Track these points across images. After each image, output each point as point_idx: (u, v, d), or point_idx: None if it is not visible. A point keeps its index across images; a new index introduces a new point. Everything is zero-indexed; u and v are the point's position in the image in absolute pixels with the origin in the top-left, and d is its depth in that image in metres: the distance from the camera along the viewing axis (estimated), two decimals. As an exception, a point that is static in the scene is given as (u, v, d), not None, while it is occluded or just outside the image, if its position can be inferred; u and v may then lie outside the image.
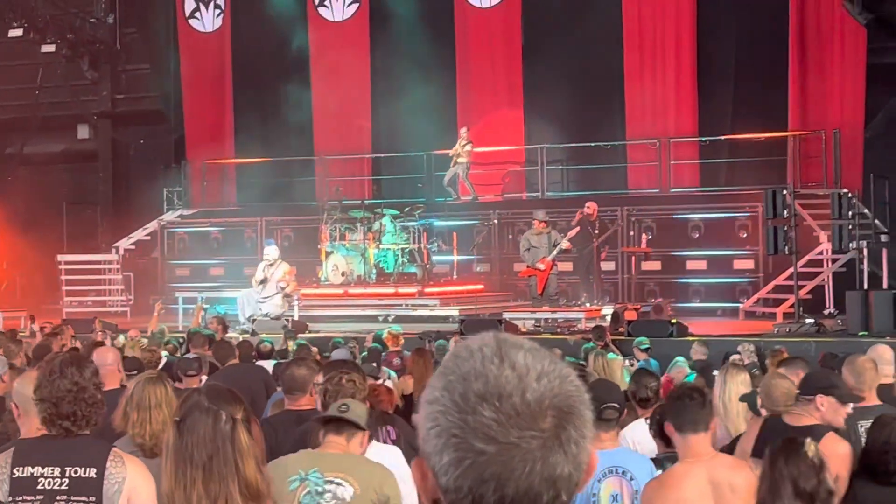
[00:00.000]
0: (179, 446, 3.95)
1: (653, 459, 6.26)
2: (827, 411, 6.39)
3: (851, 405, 6.52)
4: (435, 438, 1.72)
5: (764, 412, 6.80)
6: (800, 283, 19.84)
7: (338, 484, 4.99)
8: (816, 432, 6.18)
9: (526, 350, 1.75)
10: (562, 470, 1.70)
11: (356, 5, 28.01)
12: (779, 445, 4.84)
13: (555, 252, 20.96)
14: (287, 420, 6.89)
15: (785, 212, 19.22)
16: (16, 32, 29.33)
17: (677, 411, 5.58)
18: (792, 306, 19.79)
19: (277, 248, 22.18)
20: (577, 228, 21.38)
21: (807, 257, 21.19)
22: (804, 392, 6.52)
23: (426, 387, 1.76)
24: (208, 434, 3.93)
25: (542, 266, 21.02)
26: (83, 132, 32.65)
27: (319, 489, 4.99)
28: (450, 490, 1.71)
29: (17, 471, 4.74)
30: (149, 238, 28.76)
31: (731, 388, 7.51)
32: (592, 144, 25.28)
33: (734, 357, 12.10)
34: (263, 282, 21.29)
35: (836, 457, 6.00)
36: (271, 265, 21.39)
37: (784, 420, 6.37)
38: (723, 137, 24.35)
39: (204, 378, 9.46)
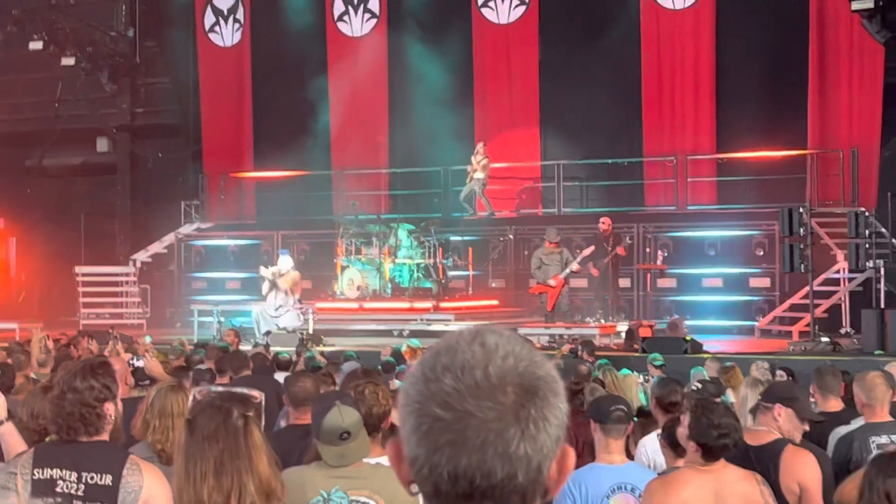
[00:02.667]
0: (190, 443, 3.94)
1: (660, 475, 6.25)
2: (784, 422, 6.35)
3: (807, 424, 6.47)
4: (402, 408, 1.76)
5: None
6: (816, 301, 19.79)
7: (364, 503, 4.82)
8: (777, 447, 6.16)
9: (503, 336, 1.78)
10: (517, 447, 1.70)
11: (374, 21, 28.10)
12: (875, 460, 4.78)
13: (566, 271, 20.95)
14: (293, 435, 6.80)
15: (801, 230, 19.17)
16: (36, 45, 29.47)
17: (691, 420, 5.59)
18: (808, 325, 19.71)
19: (291, 260, 22.20)
20: (592, 248, 21.41)
21: (823, 276, 21.13)
22: (764, 400, 6.51)
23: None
24: (220, 429, 3.92)
25: (553, 283, 21.02)
26: (102, 145, 32.76)
27: None
28: (411, 461, 1.74)
29: (38, 472, 4.75)
30: (166, 251, 28.85)
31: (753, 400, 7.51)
32: (609, 161, 25.25)
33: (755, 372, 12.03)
34: (272, 287, 21.35)
35: (803, 469, 6.00)
36: (282, 275, 21.45)
37: (744, 439, 6.25)
38: (740, 155, 24.32)
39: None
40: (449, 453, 1.69)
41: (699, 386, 8.69)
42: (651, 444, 7.22)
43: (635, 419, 7.59)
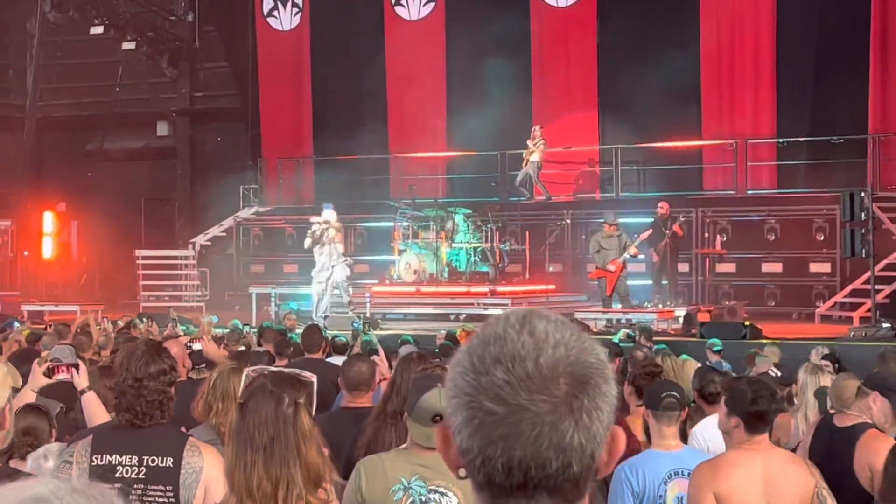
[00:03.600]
0: (241, 428, 3.97)
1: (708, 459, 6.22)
2: (877, 411, 6.31)
3: None
4: (452, 399, 1.74)
5: (832, 412, 6.74)
6: (877, 287, 19.55)
7: (442, 493, 4.81)
8: (858, 430, 6.12)
9: (551, 321, 1.75)
10: (571, 438, 1.69)
11: (432, 4, 28.09)
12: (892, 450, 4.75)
13: (625, 255, 20.83)
14: (345, 418, 6.78)
15: (863, 214, 18.92)
16: (97, 30, 29.73)
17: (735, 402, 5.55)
18: (869, 310, 19.50)
19: (334, 212, 21.95)
20: (650, 231, 21.31)
21: (885, 261, 20.88)
22: (866, 383, 6.47)
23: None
24: (270, 416, 3.95)
25: (612, 268, 20.91)
26: (162, 129, 33.07)
27: (423, 498, 4.82)
28: (463, 451, 1.72)
29: (97, 458, 4.80)
30: (225, 234, 29.07)
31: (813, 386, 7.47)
32: (668, 144, 25.10)
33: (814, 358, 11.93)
34: (316, 242, 21.27)
35: (876, 453, 5.94)
36: (328, 228, 21.31)
37: (833, 421, 6.28)
38: (801, 139, 24.07)
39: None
40: (503, 446, 1.68)
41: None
42: (704, 429, 7.19)
43: (693, 404, 7.55)
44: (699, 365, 12.73)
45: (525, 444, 1.68)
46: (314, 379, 4.80)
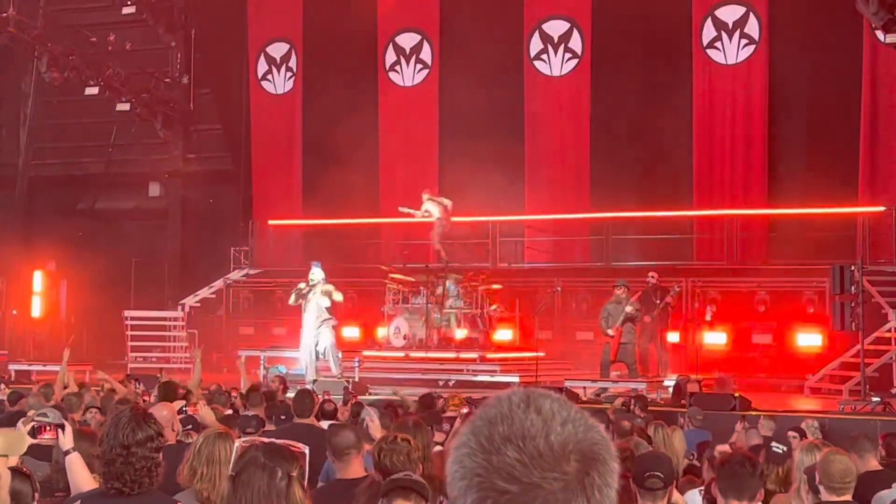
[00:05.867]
0: (234, 501, 3.95)
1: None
2: None
3: None
4: (460, 480, 1.73)
5: (822, 489, 6.68)
6: (867, 360, 19.54)
7: None
8: None
9: (553, 399, 1.77)
10: None
11: (426, 71, 28.28)
12: None
13: (620, 318, 20.77)
14: (338, 489, 6.72)
15: (853, 288, 18.99)
16: (92, 90, 29.86)
17: (726, 476, 5.53)
18: (858, 384, 19.48)
19: (322, 272, 21.84)
20: (639, 294, 21.32)
21: (874, 334, 20.88)
22: None
23: (455, 434, 1.78)
24: (263, 490, 3.93)
25: (611, 332, 20.84)
26: (154, 190, 33.12)
27: None
28: None
29: None
30: (214, 296, 29.01)
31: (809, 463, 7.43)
32: (659, 214, 25.17)
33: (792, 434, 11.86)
34: (300, 298, 21.13)
35: None
36: (314, 286, 21.19)
37: None
38: (791, 211, 24.16)
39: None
40: None
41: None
42: (690, 501, 7.15)
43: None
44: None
45: None
46: (306, 450, 4.78)
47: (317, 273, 21.46)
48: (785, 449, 8.51)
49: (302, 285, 21.34)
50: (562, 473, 1.68)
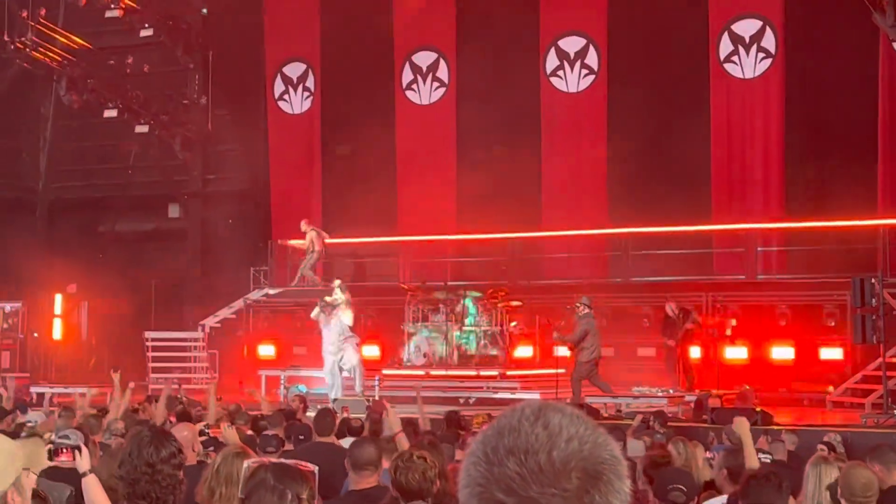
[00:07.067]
0: None
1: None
2: None
3: None
4: (464, 489, 1.74)
5: (843, 503, 6.64)
6: (889, 373, 19.43)
7: None
8: None
9: (566, 414, 1.76)
10: None
11: (443, 89, 28.33)
12: None
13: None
14: (350, 502, 6.79)
15: (873, 300, 18.89)
16: (111, 113, 30.02)
17: (752, 492, 5.51)
18: (881, 397, 19.37)
19: (343, 287, 21.88)
20: (662, 319, 21.46)
21: (896, 347, 20.78)
22: None
23: (469, 443, 1.78)
24: None
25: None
26: (174, 211, 33.21)
27: None
28: None
29: None
30: (234, 316, 29.04)
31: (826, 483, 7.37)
32: (677, 229, 25.11)
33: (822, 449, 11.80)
34: (322, 312, 21.14)
35: None
36: (337, 304, 21.21)
37: None
38: (811, 224, 24.07)
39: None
40: None
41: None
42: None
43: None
44: (707, 454, 12.67)
45: None
46: (315, 469, 4.78)
47: (339, 292, 21.51)
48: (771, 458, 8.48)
49: (328, 298, 21.40)
50: (561, 490, 1.67)
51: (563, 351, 23.07)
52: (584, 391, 21.66)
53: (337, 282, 22.33)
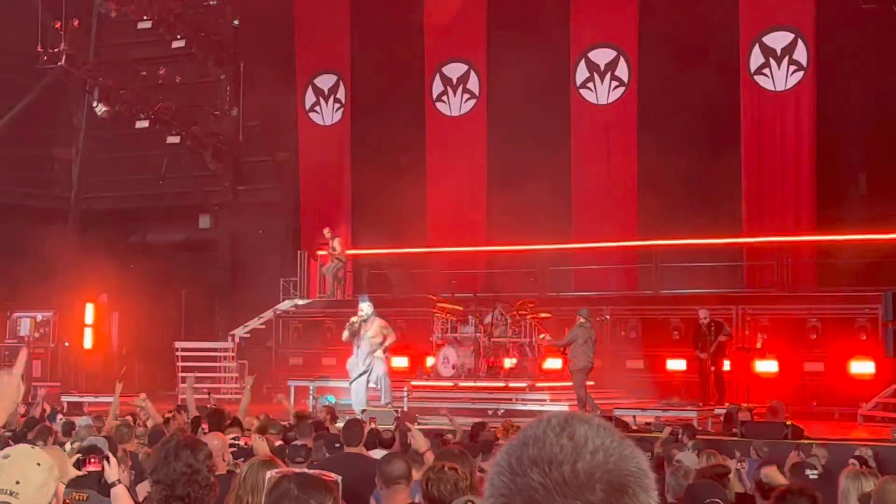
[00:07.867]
0: None
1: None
2: None
3: None
4: (489, 498, 1.73)
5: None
6: (921, 387, 19.31)
7: None
8: None
9: (592, 425, 1.74)
10: None
11: (473, 101, 28.35)
12: None
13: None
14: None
15: (905, 314, 18.78)
16: (142, 124, 30.20)
17: None
18: (913, 411, 19.25)
19: (371, 305, 21.77)
20: (693, 330, 21.40)
21: (928, 361, 20.63)
22: None
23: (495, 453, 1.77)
24: None
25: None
26: (204, 222, 33.35)
27: None
28: None
29: None
30: (264, 327, 29.11)
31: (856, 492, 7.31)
32: (708, 241, 25.03)
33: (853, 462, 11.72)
34: (354, 335, 21.10)
35: None
36: (365, 321, 21.17)
37: None
38: (843, 237, 23.95)
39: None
40: None
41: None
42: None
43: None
44: (737, 466, 12.61)
45: None
46: (339, 479, 4.78)
47: (366, 308, 21.37)
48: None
49: (354, 320, 21.30)
50: (584, 502, 1.65)
51: (552, 363, 23.21)
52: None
53: (362, 298, 22.23)
